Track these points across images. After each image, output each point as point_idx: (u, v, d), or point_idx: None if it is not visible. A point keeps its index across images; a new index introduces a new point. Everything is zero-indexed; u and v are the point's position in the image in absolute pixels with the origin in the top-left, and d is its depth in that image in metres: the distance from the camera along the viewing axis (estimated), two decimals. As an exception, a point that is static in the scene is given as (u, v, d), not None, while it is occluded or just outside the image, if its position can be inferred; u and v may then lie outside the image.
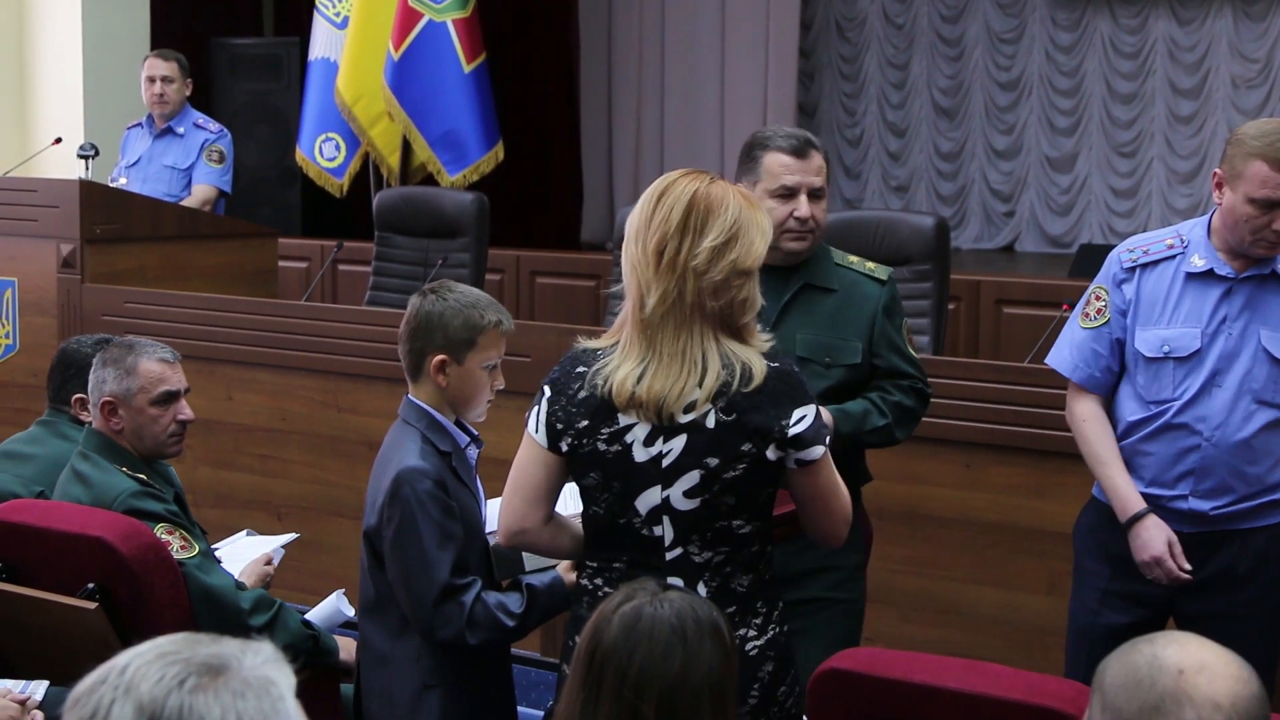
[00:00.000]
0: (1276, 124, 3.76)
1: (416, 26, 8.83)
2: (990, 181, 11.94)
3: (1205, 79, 11.17)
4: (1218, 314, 3.83)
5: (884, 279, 4.01)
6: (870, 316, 3.95)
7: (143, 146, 7.79)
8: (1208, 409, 3.81)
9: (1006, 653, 4.71)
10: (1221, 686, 1.98)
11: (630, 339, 3.11)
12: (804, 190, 3.90)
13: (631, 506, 3.11)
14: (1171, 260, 3.90)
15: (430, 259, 7.26)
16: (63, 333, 6.75)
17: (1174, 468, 3.85)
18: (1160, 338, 3.87)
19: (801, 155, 3.91)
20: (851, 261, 4.05)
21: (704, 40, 11.61)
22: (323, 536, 5.93)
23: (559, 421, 3.12)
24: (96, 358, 4.17)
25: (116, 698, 1.53)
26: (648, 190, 3.15)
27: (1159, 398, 3.86)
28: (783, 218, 3.87)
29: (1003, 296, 7.68)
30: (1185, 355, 3.84)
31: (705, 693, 2.43)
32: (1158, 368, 3.87)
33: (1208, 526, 3.86)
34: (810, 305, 3.96)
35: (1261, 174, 3.67)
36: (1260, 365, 3.80)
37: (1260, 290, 3.83)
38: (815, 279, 3.98)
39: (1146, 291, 3.91)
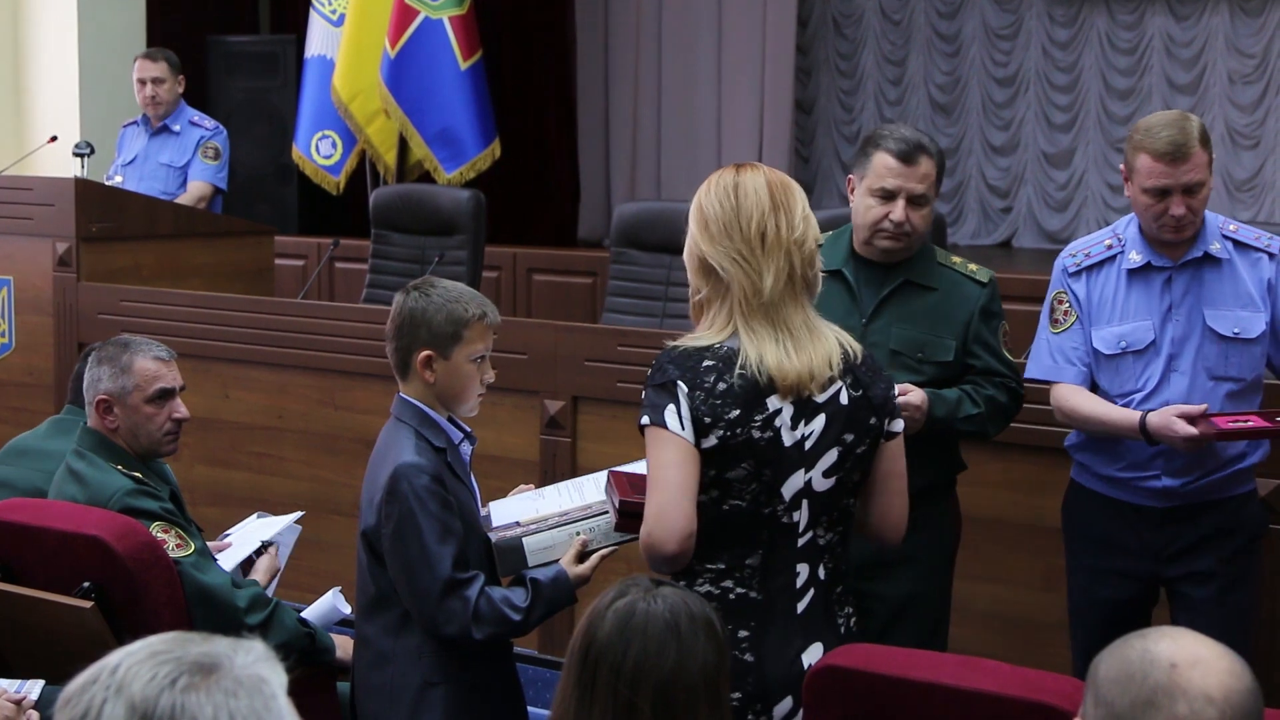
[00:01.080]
0: (1160, 117, 3.98)
1: (413, 24, 8.82)
2: (987, 177, 11.93)
3: (1202, 74, 11.17)
4: (1163, 303, 4.02)
5: (985, 281, 4.15)
6: (967, 317, 4.09)
7: (139, 144, 7.79)
8: (1170, 394, 3.98)
9: (1003, 649, 4.70)
10: (1214, 680, 1.97)
11: (749, 326, 3.11)
12: (903, 195, 4.00)
13: (778, 493, 3.12)
14: (1112, 260, 4.09)
15: (427, 256, 7.26)
16: (59, 331, 6.75)
17: (1146, 450, 4.00)
18: (1116, 334, 4.06)
19: (908, 161, 4.01)
20: (954, 262, 4.18)
21: (701, 37, 11.61)
22: (320, 534, 5.92)
23: (705, 415, 3.07)
24: (91, 356, 4.17)
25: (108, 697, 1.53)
26: (712, 190, 3.21)
27: (1123, 390, 4.04)
28: (878, 218, 4.01)
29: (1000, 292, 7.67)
30: (1142, 347, 4.02)
31: (700, 687, 2.43)
32: (1118, 363, 4.05)
33: (1181, 501, 4.03)
34: (909, 302, 4.07)
35: (1147, 166, 3.90)
36: (1209, 343, 3.98)
37: (1198, 273, 4.01)
38: (916, 276, 4.10)
39: (1095, 293, 4.10)
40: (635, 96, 11.81)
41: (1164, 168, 3.87)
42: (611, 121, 11.91)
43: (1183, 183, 3.88)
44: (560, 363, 5.53)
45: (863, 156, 4.08)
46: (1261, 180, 11.00)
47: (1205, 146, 3.91)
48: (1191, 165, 3.88)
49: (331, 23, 9.36)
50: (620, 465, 3.75)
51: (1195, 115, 4.06)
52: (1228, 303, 3.99)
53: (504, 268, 8.85)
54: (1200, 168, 3.89)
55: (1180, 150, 3.87)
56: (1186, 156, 3.87)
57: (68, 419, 4.61)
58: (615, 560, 5.39)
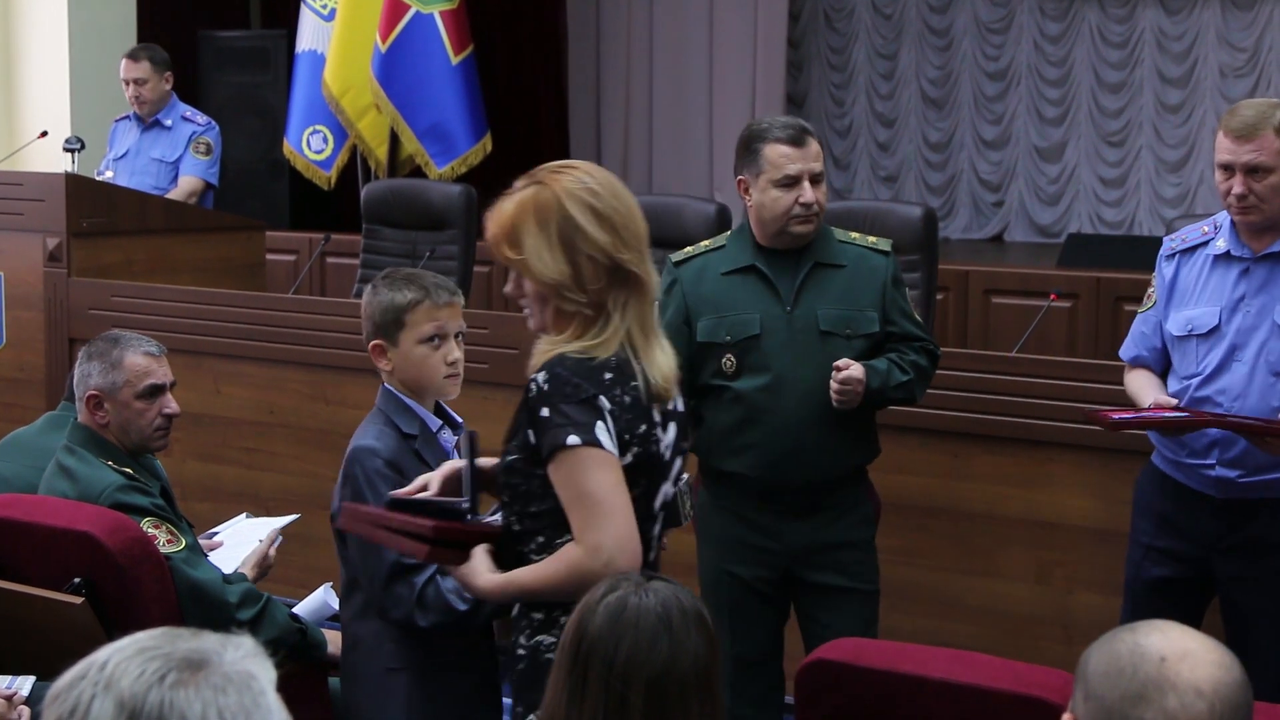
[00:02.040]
0: (1251, 100, 4.09)
1: (404, 18, 8.81)
2: (979, 171, 11.94)
3: (1193, 68, 11.18)
4: (1236, 292, 4.05)
5: (887, 250, 4.28)
6: (880, 286, 4.21)
7: (130, 139, 7.78)
8: (1228, 382, 4.02)
9: (994, 642, 4.71)
10: (1204, 673, 1.98)
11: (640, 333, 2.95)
12: (806, 177, 4.12)
13: (652, 508, 3.01)
14: (1204, 246, 4.14)
15: (418, 251, 7.25)
16: (49, 327, 6.73)
17: (1203, 437, 4.03)
18: (1186, 317, 4.10)
19: (800, 144, 4.13)
20: (853, 237, 4.30)
21: (692, 31, 11.61)
22: (311, 530, 5.91)
23: (624, 432, 2.88)
24: (81, 351, 4.17)
25: (96, 694, 1.52)
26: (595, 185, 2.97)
27: (1186, 373, 4.09)
28: (788, 205, 4.12)
29: (991, 286, 7.69)
30: (1205, 331, 4.06)
31: (692, 681, 2.43)
32: (1184, 345, 4.10)
33: (1239, 494, 4.03)
34: (823, 282, 4.18)
35: (1219, 140, 4.00)
36: (1276, 339, 3.99)
37: (1276, 268, 4.03)
38: (824, 257, 4.21)
39: (1182, 277, 4.16)
40: (627, 90, 11.81)
41: (1229, 143, 3.95)
42: (603, 116, 11.91)
43: (1243, 161, 3.94)
44: (552, 357, 5.52)
45: (750, 154, 4.17)
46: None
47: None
48: (1256, 146, 3.93)
49: (322, 17, 9.34)
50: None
51: None
52: None
53: (495, 262, 8.83)
54: (1267, 151, 3.93)
55: (1248, 129, 3.93)
56: (1252, 136, 3.93)
57: (63, 415, 4.60)
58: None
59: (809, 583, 4.19)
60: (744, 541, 4.20)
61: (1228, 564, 4.07)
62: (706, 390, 4.19)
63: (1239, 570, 4.06)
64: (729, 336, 4.14)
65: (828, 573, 4.17)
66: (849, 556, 4.20)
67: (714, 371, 4.16)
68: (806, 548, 4.16)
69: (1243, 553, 4.05)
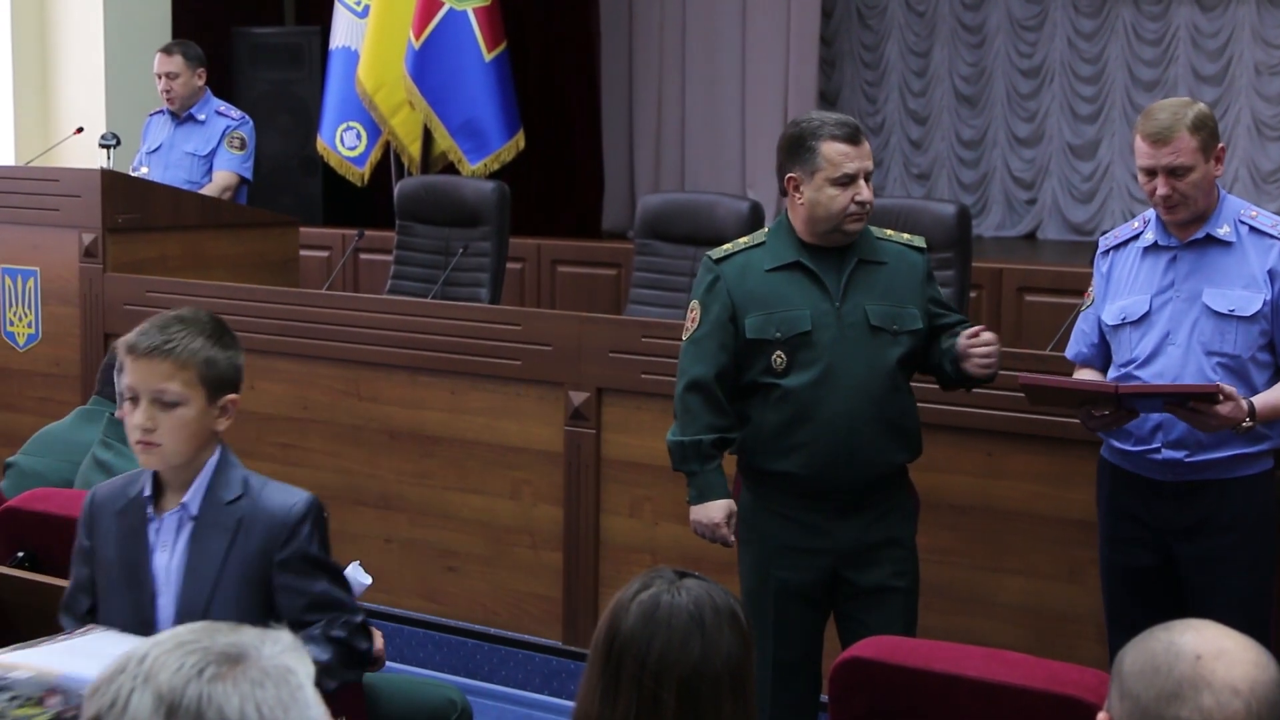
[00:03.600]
0: (1162, 102, 4.25)
1: (437, 15, 8.82)
2: (1012, 169, 11.90)
3: (1228, 66, 11.12)
4: (1165, 279, 4.21)
5: (922, 247, 4.33)
6: (919, 283, 4.26)
7: (164, 133, 7.80)
8: (1163, 365, 4.16)
9: (1028, 641, 4.70)
10: (1239, 672, 1.97)
11: None
12: (862, 175, 4.13)
13: None
14: (1136, 240, 4.33)
15: (451, 248, 7.27)
16: (85, 322, 6.77)
17: (1146, 422, 4.17)
18: (1119, 307, 4.27)
19: (856, 142, 4.15)
20: (888, 234, 4.33)
21: (725, 28, 11.59)
22: (345, 525, 5.94)
23: None
24: None
25: (136, 687, 1.53)
26: None
27: (1123, 360, 4.24)
28: (845, 204, 4.12)
29: (1025, 284, 7.67)
30: (1138, 318, 4.22)
31: (725, 679, 2.43)
32: (1120, 334, 4.26)
33: (1186, 475, 4.16)
34: (868, 279, 4.20)
35: (1139, 147, 4.14)
36: (1205, 319, 4.14)
37: (1203, 253, 4.19)
38: (866, 254, 4.23)
39: (1116, 271, 4.33)
40: (659, 87, 11.80)
41: (1148, 148, 4.11)
42: (635, 113, 11.90)
43: (1164, 164, 4.09)
44: (585, 354, 5.54)
45: (804, 152, 4.15)
46: (1288, 171, 10.96)
47: (1196, 133, 4.10)
48: (1173, 148, 4.08)
49: (356, 14, 9.36)
50: None
51: (1204, 104, 4.26)
52: (1229, 282, 4.14)
53: (528, 259, 8.85)
54: (1184, 152, 4.08)
55: (1164, 132, 4.08)
56: (1169, 139, 4.08)
57: (95, 409, 4.62)
58: (640, 553, 5.41)
59: (853, 583, 4.18)
60: (790, 544, 4.18)
61: (1184, 545, 4.20)
62: (752, 389, 4.17)
63: (1194, 552, 4.18)
64: (779, 333, 4.12)
65: (872, 571, 4.17)
66: (893, 554, 4.21)
67: (763, 369, 4.15)
68: (854, 547, 4.16)
69: (1197, 533, 4.18)
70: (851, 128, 4.15)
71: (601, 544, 5.56)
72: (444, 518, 5.88)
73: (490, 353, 5.73)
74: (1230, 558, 4.16)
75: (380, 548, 5.91)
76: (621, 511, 5.52)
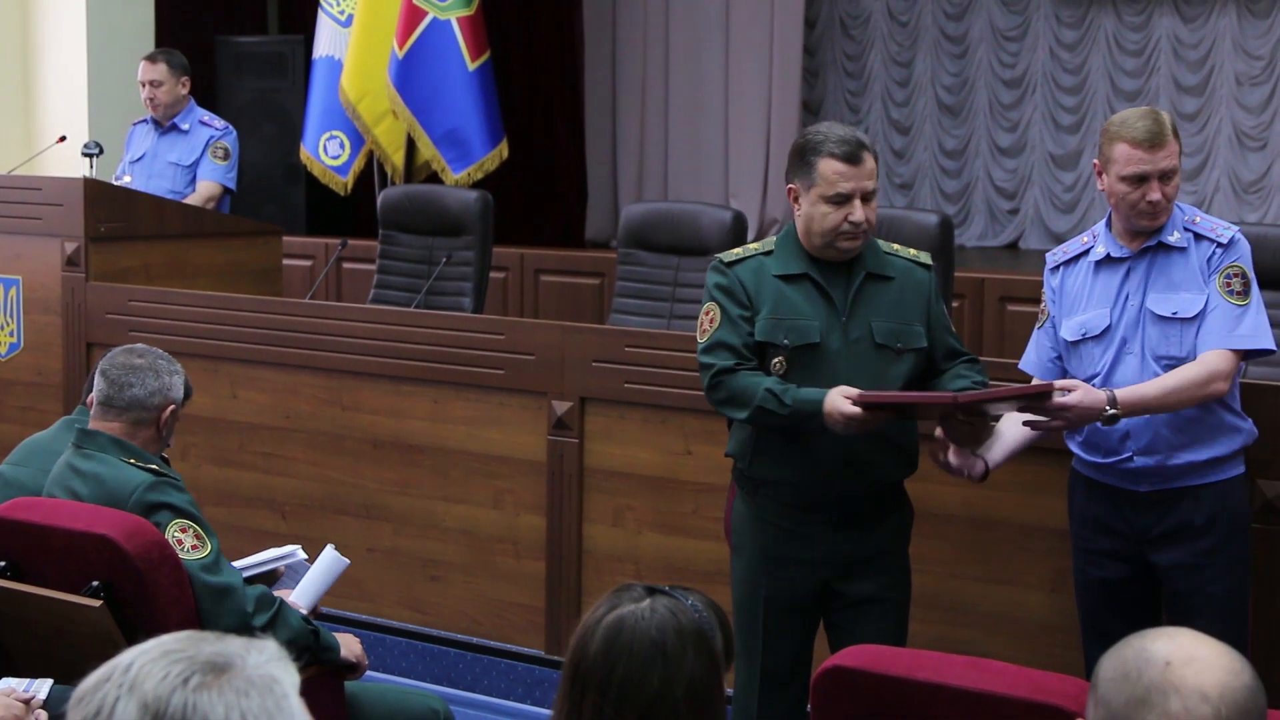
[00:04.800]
0: (1132, 110, 4.25)
1: (421, 24, 8.84)
2: (994, 179, 11.92)
3: (1209, 76, 11.16)
4: (1122, 291, 4.23)
5: (929, 264, 4.28)
6: (925, 301, 4.22)
7: (147, 143, 7.80)
8: (1123, 375, 4.18)
9: (1010, 650, 4.71)
10: (1210, 678, 1.98)
11: None
12: (857, 195, 4.07)
13: None
14: (1085, 255, 4.34)
15: (434, 257, 7.27)
16: (67, 331, 6.75)
17: (1114, 432, 4.18)
18: (1078, 323, 4.27)
19: (855, 161, 4.08)
20: (896, 249, 4.28)
21: (708, 38, 11.60)
22: (327, 534, 5.93)
23: None
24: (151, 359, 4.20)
25: (120, 695, 1.53)
26: None
27: (1085, 374, 4.23)
28: (837, 222, 4.08)
29: (1006, 294, 7.69)
30: (1099, 333, 4.24)
31: (685, 707, 2.44)
32: (1080, 349, 4.27)
33: (1161, 484, 4.20)
34: (875, 294, 4.16)
35: (1125, 153, 4.12)
36: (1151, 325, 4.20)
37: (1154, 261, 4.22)
38: (875, 268, 4.19)
39: (1067, 287, 4.34)
40: (643, 97, 11.81)
41: (1142, 154, 4.10)
42: (619, 122, 11.91)
43: (1160, 168, 4.11)
44: (568, 364, 5.54)
45: (804, 165, 4.12)
46: (1269, 182, 10.98)
47: (1176, 137, 4.16)
48: (1167, 152, 4.11)
49: (340, 23, 9.37)
50: None
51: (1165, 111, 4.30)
52: (1177, 288, 4.17)
53: (511, 268, 8.86)
54: (1174, 155, 4.14)
55: (1157, 137, 4.10)
56: (1163, 144, 4.11)
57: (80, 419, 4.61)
58: (623, 562, 5.41)
59: (845, 594, 4.18)
60: (783, 554, 4.18)
61: (1161, 553, 4.22)
62: None
63: (1173, 558, 4.20)
64: (787, 340, 4.08)
65: (864, 582, 4.17)
66: (885, 565, 4.20)
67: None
68: (847, 559, 4.16)
69: (1173, 540, 4.20)
70: (852, 146, 4.07)
71: (584, 553, 5.56)
72: (427, 527, 5.88)
73: (473, 362, 5.73)
74: (1207, 563, 4.18)
75: (363, 557, 5.90)
76: (604, 521, 5.52)
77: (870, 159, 4.10)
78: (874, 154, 4.15)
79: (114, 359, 4.17)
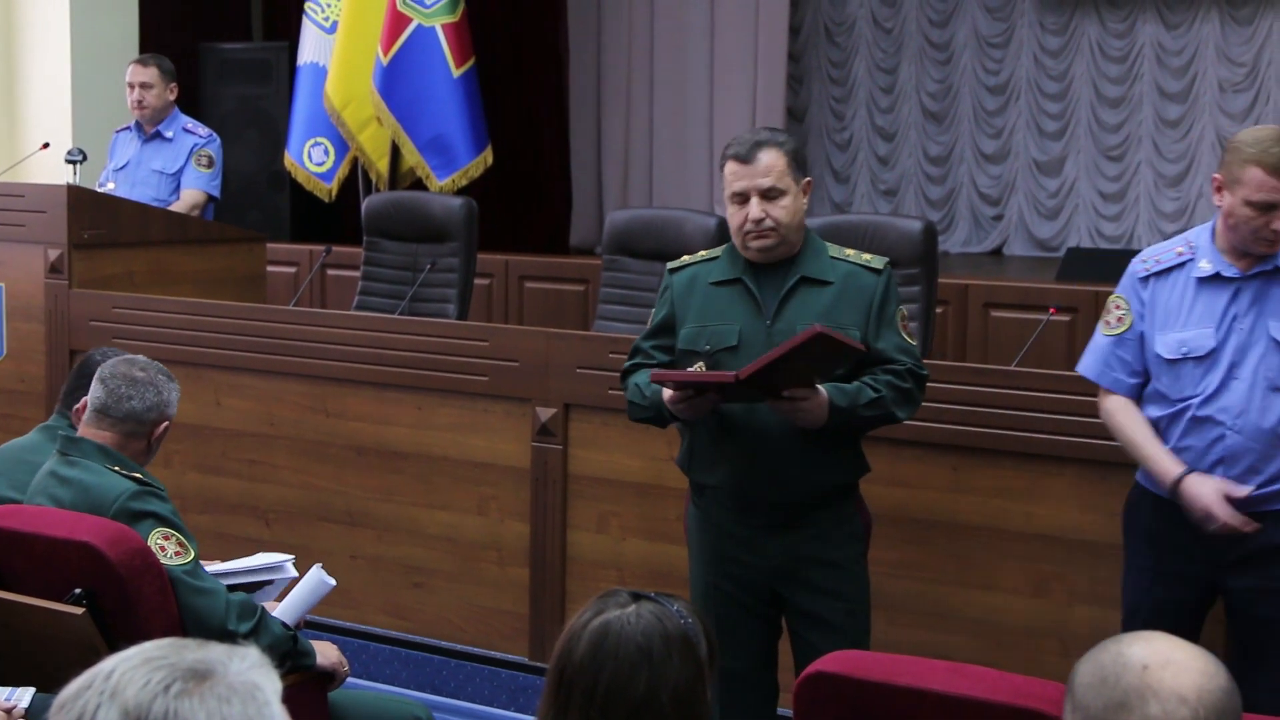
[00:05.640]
0: (1270, 131, 4.03)
1: (405, 31, 8.84)
2: (978, 185, 11.95)
3: (1192, 83, 11.19)
4: (1228, 313, 4.08)
5: (879, 268, 4.19)
6: (867, 306, 4.13)
7: (131, 150, 7.79)
8: (1229, 400, 4.04)
9: (993, 655, 4.72)
10: (1187, 680, 1.99)
11: None
12: (753, 193, 4.07)
13: None
14: (1181, 268, 4.15)
15: (419, 264, 7.27)
16: (50, 339, 6.74)
17: (1206, 457, 4.06)
18: (1178, 340, 4.10)
19: (747, 160, 4.09)
20: (847, 254, 4.23)
21: (693, 45, 11.61)
22: (311, 541, 5.94)
23: None
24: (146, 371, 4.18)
25: (102, 703, 1.53)
26: None
27: (1182, 395, 4.09)
28: (740, 221, 4.12)
29: (991, 300, 7.70)
30: (1203, 354, 4.07)
31: (670, 709, 2.45)
32: (1178, 368, 4.10)
33: (1244, 508, 4.02)
34: (807, 298, 4.12)
35: (1257, 179, 3.95)
36: (1272, 354, 4.04)
37: (1266, 286, 4.08)
38: (811, 272, 4.16)
39: (1160, 299, 4.15)
40: (628, 104, 11.82)
41: (1276, 182, 3.94)
42: (604, 129, 11.92)
43: None
44: (552, 370, 5.54)
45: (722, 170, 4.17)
46: (1251, 188, 11.01)
47: None
48: None
49: (324, 30, 9.36)
50: None
51: None
52: None
53: (496, 275, 8.86)
54: None
55: None
56: None
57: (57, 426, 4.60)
58: (607, 569, 5.42)
59: (798, 604, 4.18)
60: (727, 555, 4.20)
61: (1237, 577, 4.09)
62: None
63: (1251, 582, 4.07)
64: (708, 346, 4.12)
65: (810, 591, 4.16)
66: (833, 575, 4.17)
67: None
68: (787, 564, 4.15)
69: (1253, 564, 4.07)
70: (748, 145, 4.09)
71: (568, 560, 5.56)
72: (410, 534, 5.88)
73: (457, 369, 5.73)
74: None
75: (346, 564, 5.90)
76: (588, 527, 5.52)
77: (769, 157, 4.08)
78: (785, 152, 4.11)
79: (115, 368, 4.15)
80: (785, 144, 4.14)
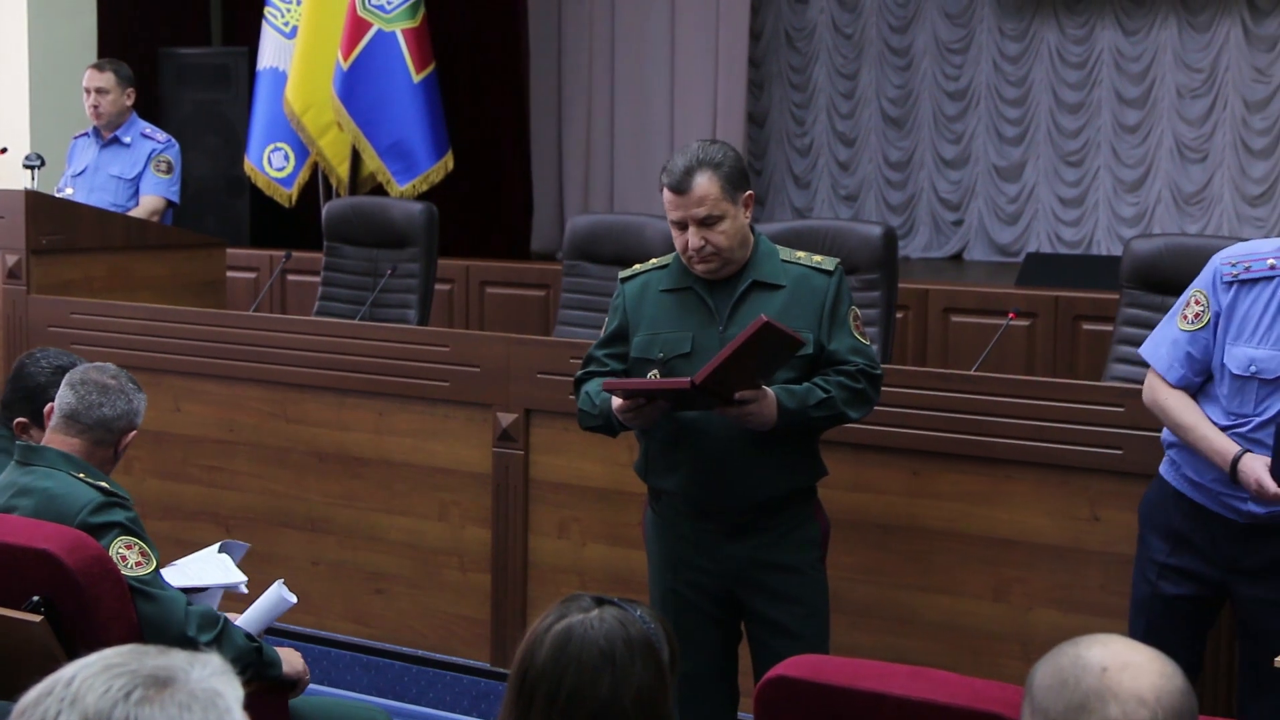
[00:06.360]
0: None
1: (366, 36, 8.82)
2: (939, 191, 12.00)
3: (1150, 88, 11.26)
4: None
5: (830, 269, 4.18)
6: (819, 307, 4.12)
7: (89, 156, 7.75)
8: None
9: (954, 659, 4.74)
10: (1146, 682, 2.01)
11: None
12: (690, 223, 4.07)
13: None
14: (1270, 280, 3.94)
15: (379, 269, 7.25)
16: (8, 344, 6.71)
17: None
18: (1249, 357, 3.92)
19: (680, 190, 4.08)
20: (799, 257, 4.22)
21: (654, 50, 11.63)
22: (271, 547, 5.92)
23: None
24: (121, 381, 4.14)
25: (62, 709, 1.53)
26: None
27: (1240, 411, 3.94)
28: (682, 246, 4.12)
29: (951, 305, 7.73)
30: (1270, 377, 3.90)
31: (633, 713, 2.45)
32: (1243, 384, 3.93)
33: (1263, 520, 3.96)
34: (759, 303, 4.10)
35: None
36: None
37: None
38: (763, 276, 4.15)
39: (1242, 308, 3.95)
40: (588, 109, 11.84)
41: None
42: (564, 135, 11.93)
43: None
44: (513, 375, 5.54)
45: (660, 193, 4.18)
46: (1209, 194, 11.09)
47: None
48: None
49: (284, 35, 9.34)
50: None
51: None
52: None
53: (457, 280, 8.85)
54: None
55: None
56: None
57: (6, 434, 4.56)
58: (568, 574, 5.42)
59: (756, 610, 4.18)
60: (684, 560, 4.20)
61: (1248, 586, 4.03)
62: None
63: (1261, 593, 4.02)
64: (661, 353, 4.12)
65: (768, 596, 4.15)
66: (791, 580, 4.16)
67: None
68: (744, 569, 4.14)
69: (1264, 575, 4.01)
70: (678, 175, 4.05)
71: (530, 565, 5.56)
72: (371, 540, 5.87)
73: (418, 374, 5.73)
74: None
75: (308, 570, 5.89)
76: (549, 533, 5.52)
77: (702, 184, 4.04)
78: (720, 175, 4.05)
79: (85, 375, 4.12)
80: (721, 164, 4.07)
